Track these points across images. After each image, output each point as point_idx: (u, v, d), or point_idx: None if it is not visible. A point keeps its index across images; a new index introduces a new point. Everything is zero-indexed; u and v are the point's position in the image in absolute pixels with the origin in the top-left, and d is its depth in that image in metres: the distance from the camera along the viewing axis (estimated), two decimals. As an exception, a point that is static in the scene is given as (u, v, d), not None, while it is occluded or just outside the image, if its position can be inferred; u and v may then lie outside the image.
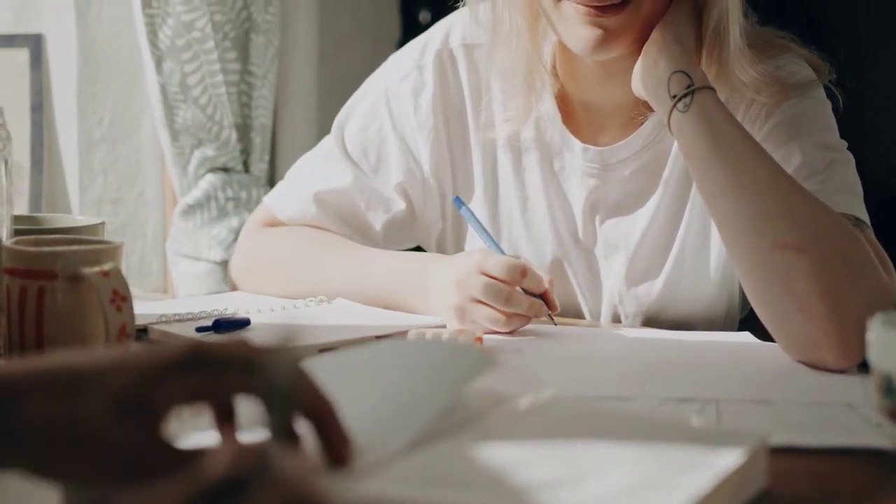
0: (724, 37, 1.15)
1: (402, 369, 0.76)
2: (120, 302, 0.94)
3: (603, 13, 1.12)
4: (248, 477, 0.42)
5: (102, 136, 1.91)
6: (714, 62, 1.17)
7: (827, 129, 1.20)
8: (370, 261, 1.25)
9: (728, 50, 1.16)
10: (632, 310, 1.27)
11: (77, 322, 0.94)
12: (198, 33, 1.82)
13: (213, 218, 1.86)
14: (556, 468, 0.63)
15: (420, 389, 0.72)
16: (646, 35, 1.15)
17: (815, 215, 1.06)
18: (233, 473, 0.42)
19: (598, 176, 1.25)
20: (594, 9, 1.11)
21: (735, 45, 1.15)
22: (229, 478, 0.42)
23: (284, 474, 0.42)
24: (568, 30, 1.14)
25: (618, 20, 1.12)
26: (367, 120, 1.32)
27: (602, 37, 1.12)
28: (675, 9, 1.15)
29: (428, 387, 0.73)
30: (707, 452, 0.66)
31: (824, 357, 1.02)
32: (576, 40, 1.14)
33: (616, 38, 1.13)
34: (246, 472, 0.42)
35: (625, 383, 0.97)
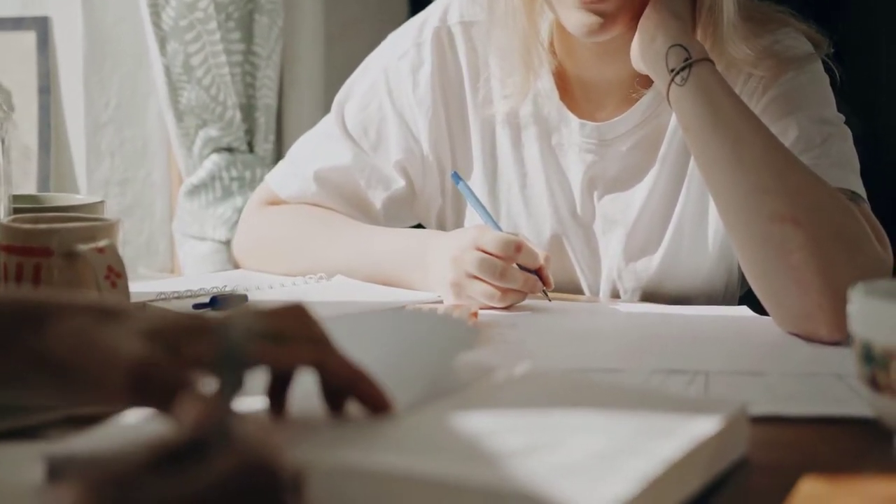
0: (718, 13, 1.15)
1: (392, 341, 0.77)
2: (115, 278, 0.95)
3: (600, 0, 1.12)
4: (208, 439, 0.43)
5: (109, 118, 1.92)
6: (708, 38, 1.17)
7: (824, 103, 1.20)
8: (369, 238, 1.26)
9: (722, 26, 1.16)
10: (630, 285, 1.28)
11: (73, 298, 0.95)
12: (200, 14, 1.83)
13: (217, 198, 1.87)
14: (530, 436, 0.63)
15: (409, 362, 0.73)
16: (642, 12, 1.15)
17: (812, 189, 1.06)
18: (192, 435, 0.43)
19: (596, 151, 1.26)
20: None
21: (729, 22, 1.15)
22: (188, 440, 0.43)
23: (243, 437, 0.43)
24: (565, 14, 1.15)
25: (615, 3, 1.13)
26: (367, 98, 1.33)
27: (600, 22, 1.13)
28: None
29: (416, 360, 0.73)
30: (684, 420, 0.67)
31: (818, 329, 1.02)
32: (574, 25, 1.14)
33: (613, 22, 1.14)
34: (205, 435, 0.43)
35: (616, 356, 0.97)
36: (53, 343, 0.61)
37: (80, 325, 0.61)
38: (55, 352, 0.61)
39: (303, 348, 0.64)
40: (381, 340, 0.76)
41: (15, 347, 0.61)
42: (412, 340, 0.77)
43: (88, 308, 0.63)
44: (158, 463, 0.42)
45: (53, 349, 0.61)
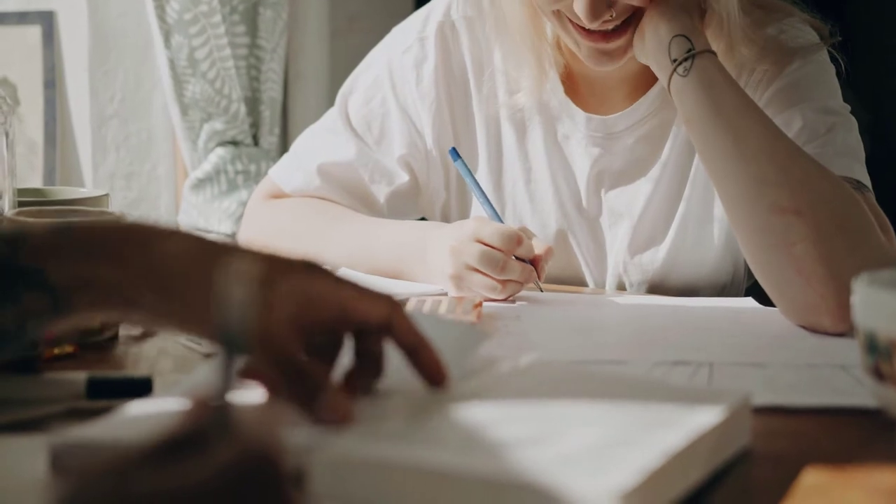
0: (725, 13, 1.15)
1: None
2: (119, 271, 0.95)
3: (607, 39, 1.13)
4: (208, 429, 0.43)
5: (114, 112, 1.92)
6: (722, 40, 1.17)
7: (829, 93, 1.20)
8: (372, 231, 1.26)
9: (729, 25, 1.15)
10: (636, 278, 1.28)
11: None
12: (205, 7, 1.83)
13: (222, 191, 1.88)
14: (532, 426, 0.63)
15: None
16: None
17: (815, 180, 1.06)
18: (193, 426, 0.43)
19: (603, 145, 1.25)
20: (598, 36, 1.12)
21: (734, 21, 1.15)
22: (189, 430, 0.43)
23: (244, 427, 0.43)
24: (571, 41, 1.16)
25: (625, 39, 1.14)
26: (371, 92, 1.33)
27: (607, 58, 1.15)
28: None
29: None
30: (686, 411, 0.66)
31: (822, 320, 1.02)
32: (586, 60, 1.17)
33: (625, 53, 1.16)
34: (206, 425, 0.43)
35: (620, 348, 0.97)
36: (162, 260, 0.63)
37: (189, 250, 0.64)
38: (162, 268, 0.63)
39: (379, 302, 0.65)
40: None
41: (125, 260, 0.63)
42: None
43: (194, 236, 0.65)
44: (160, 453, 0.42)
45: (161, 266, 0.63)
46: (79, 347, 0.90)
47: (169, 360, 0.91)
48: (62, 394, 0.77)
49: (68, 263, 0.63)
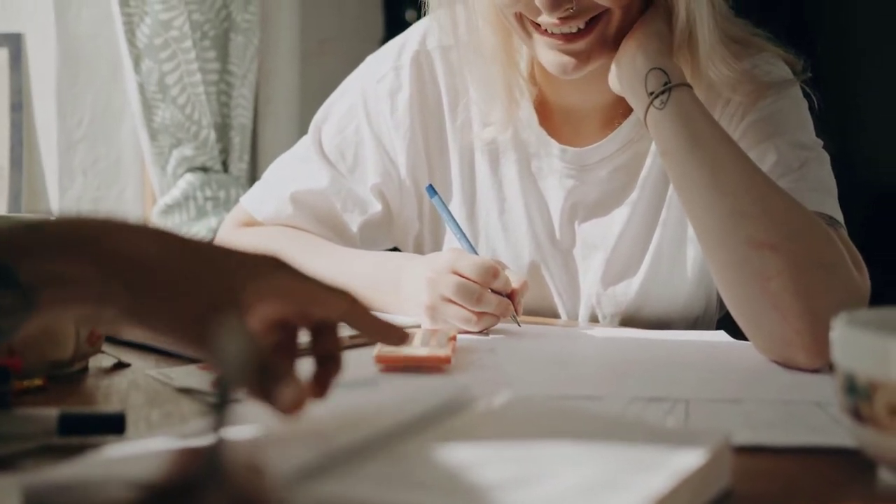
0: (694, 35, 1.16)
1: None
2: (89, 302, 0.94)
3: (571, 40, 1.12)
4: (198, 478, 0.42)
5: (82, 136, 1.90)
6: (687, 61, 1.17)
7: (802, 128, 1.21)
8: (345, 261, 1.25)
9: (699, 49, 1.16)
10: (609, 310, 1.27)
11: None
12: (175, 32, 1.82)
13: (191, 218, 1.86)
14: (515, 468, 0.62)
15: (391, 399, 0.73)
16: (617, 47, 1.16)
17: (790, 214, 1.06)
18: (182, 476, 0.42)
19: (577, 177, 1.26)
20: (562, 38, 1.12)
21: (705, 43, 1.16)
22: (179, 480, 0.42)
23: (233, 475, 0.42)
24: (541, 56, 1.16)
25: (588, 42, 1.13)
26: (345, 121, 1.32)
27: (574, 62, 1.14)
28: (653, 9, 1.15)
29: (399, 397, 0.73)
30: (669, 452, 0.66)
31: (797, 356, 1.02)
32: (549, 64, 1.15)
33: (587, 60, 1.15)
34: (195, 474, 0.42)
35: (596, 383, 0.97)
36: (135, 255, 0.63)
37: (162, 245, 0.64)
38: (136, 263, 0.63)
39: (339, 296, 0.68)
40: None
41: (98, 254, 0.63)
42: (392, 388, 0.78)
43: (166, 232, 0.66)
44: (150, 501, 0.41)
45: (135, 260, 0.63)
46: (48, 380, 0.89)
47: (140, 393, 0.90)
48: (34, 430, 0.75)
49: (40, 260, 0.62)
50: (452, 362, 0.99)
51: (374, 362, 0.99)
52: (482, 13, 1.21)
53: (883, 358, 0.69)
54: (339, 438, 0.63)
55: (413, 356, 0.99)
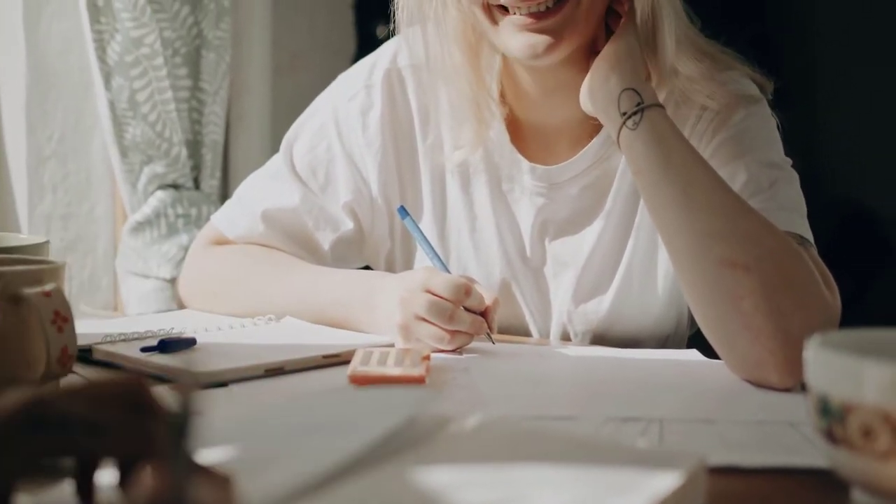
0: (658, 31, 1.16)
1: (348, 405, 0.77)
2: (61, 323, 0.93)
3: (540, 18, 1.12)
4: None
5: (52, 152, 1.89)
6: (652, 63, 1.17)
7: (772, 147, 1.21)
8: (316, 279, 1.25)
9: (663, 48, 1.16)
10: (580, 328, 1.28)
11: (18, 343, 0.93)
12: (147, 49, 1.81)
13: (162, 235, 1.85)
14: (491, 491, 0.62)
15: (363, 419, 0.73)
16: (589, 33, 1.16)
17: (762, 234, 1.07)
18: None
19: (546, 195, 1.26)
20: (531, 17, 1.12)
21: (670, 42, 1.16)
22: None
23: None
24: (511, 42, 1.14)
25: (557, 21, 1.13)
26: (316, 139, 1.32)
27: (546, 42, 1.13)
28: (624, 25, 1.16)
29: (371, 416, 0.73)
30: (644, 474, 0.66)
31: (769, 376, 1.02)
32: (519, 49, 1.14)
33: (559, 41, 1.14)
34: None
35: (570, 402, 0.97)
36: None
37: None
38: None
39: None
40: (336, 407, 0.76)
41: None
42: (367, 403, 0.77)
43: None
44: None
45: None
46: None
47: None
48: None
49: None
50: (427, 382, 0.99)
51: (348, 382, 0.99)
52: (451, 34, 1.21)
53: (856, 380, 0.70)
54: (313, 462, 0.63)
55: (387, 375, 0.98)
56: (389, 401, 0.77)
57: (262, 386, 1.00)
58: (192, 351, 1.08)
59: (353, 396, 0.86)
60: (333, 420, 0.74)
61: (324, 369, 1.06)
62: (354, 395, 0.88)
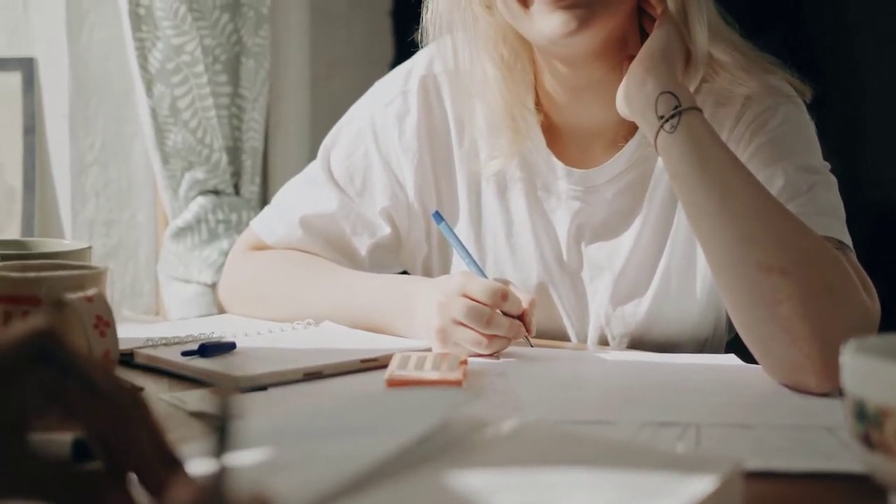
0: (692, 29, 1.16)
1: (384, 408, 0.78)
2: (103, 327, 0.94)
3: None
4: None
5: (94, 159, 1.91)
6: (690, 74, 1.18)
7: (810, 152, 1.21)
8: (354, 284, 1.26)
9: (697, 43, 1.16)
10: (618, 331, 1.28)
11: (60, 348, 0.95)
12: (187, 57, 1.83)
13: (203, 240, 1.87)
14: (524, 495, 0.63)
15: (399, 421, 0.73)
16: (621, 17, 1.16)
17: (800, 238, 1.06)
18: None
19: (582, 198, 1.26)
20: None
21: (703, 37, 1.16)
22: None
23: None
24: (544, 24, 1.13)
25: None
26: (353, 145, 1.33)
27: (579, 17, 1.12)
28: (659, 25, 1.16)
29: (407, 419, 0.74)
30: (679, 479, 0.66)
31: (807, 380, 1.02)
32: (551, 29, 1.13)
33: (592, 16, 1.13)
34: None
35: (607, 407, 0.97)
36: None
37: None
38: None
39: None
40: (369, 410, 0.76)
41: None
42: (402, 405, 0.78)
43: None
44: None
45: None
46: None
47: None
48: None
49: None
50: (464, 386, 1.00)
51: (385, 385, 1.00)
52: (481, 45, 1.22)
53: (893, 385, 0.70)
54: (347, 464, 0.64)
55: (424, 379, 0.99)
56: (425, 404, 0.78)
57: (301, 389, 1.01)
58: (232, 355, 1.10)
59: (390, 399, 0.87)
60: (369, 423, 0.75)
61: (362, 373, 1.07)
62: (391, 398, 0.89)
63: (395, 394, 0.92)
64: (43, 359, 0.55)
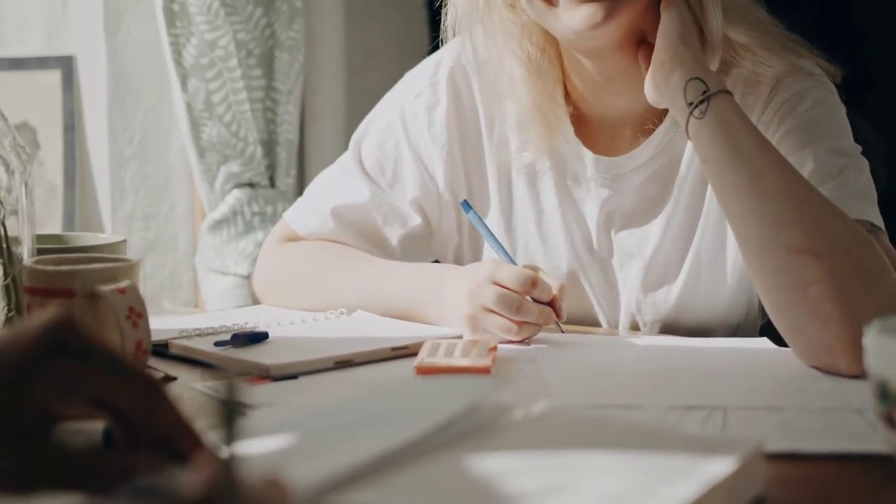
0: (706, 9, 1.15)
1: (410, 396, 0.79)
2: (136, 318, 0.96)
3: None
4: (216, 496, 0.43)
5: (133, 154, 1.94)
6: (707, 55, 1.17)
7: (840, 135, 1.20)
8: (386, 273, 1.26)
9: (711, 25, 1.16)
10: (650, 317, 1.28)
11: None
12: (221, 52, 1.85)
13: (239, 233, 1.89)
14: (547, 477, 0.63)
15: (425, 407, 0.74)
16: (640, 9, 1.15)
17: (831, 221, 1.06)
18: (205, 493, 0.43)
19: (611, 186, 1.26)
20: None
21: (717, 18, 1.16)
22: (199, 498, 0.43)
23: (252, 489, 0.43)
24: (569, 18, 1.14)
25: None
26: (384, 137, 1.34)
27: (604, 10, 1.12)
28: (667, 8, 1.15)
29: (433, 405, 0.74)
30: (699, 460, 0.67)
31: (837, 362, 1.02)
32: (580, 22, 1.13)
33: (617, 7, 1.13)
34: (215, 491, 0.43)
35: (635, 392, 0.97)
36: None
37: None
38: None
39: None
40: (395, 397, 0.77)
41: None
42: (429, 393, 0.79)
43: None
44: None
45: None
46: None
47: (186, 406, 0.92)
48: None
49: None
50: (492, 372, 1.00)
51: (415, 373, 1.00)
52: (500, 42, 1.23)
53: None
54: (367, 449, 0.64)
55: (453, 366, 1.00)
56: (452, 390, 0.79)
57: (331, 378, 1.02)
58: (264, 345, 1.11)
59: (418, 386, 0.88)
60: (395, 409, 0.76)
61: (392, 361, 1.08)
62: (419, 385, 0.90)
63: (422, 382, 0.93)
64: (61, 350, 0.56)
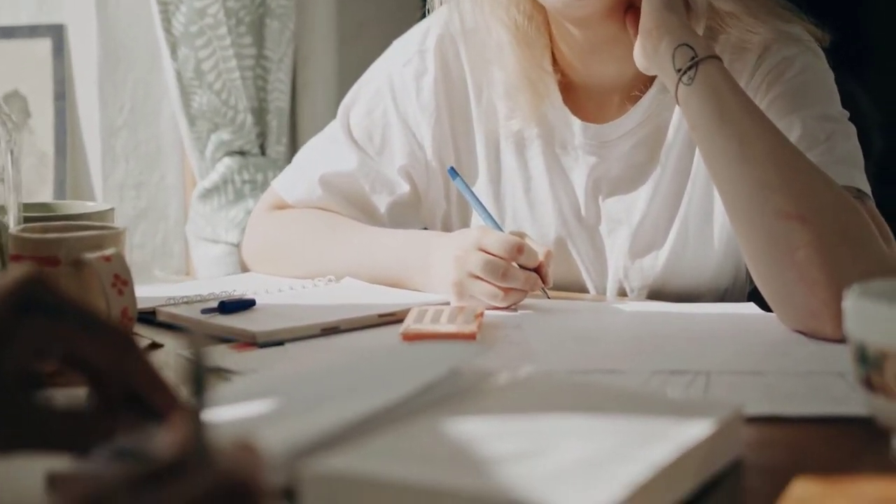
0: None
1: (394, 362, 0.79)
2: (121, 286, 0.96)
3: None
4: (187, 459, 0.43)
5: (124, 123, 1.94)
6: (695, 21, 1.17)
7: (828, 101, 1.20)
8: (374, 240, 1.27)
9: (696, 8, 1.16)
10: (637, 284, 1.28)
11: (81, 306, 0.97)
12: (210, 19, 1.84)
13: (230, 201, 1.89)
14: (522, 441, 0.64)
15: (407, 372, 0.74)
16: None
17: (818, 186, 1.06)
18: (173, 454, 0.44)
19: (598, 153, 1.26)
20: None
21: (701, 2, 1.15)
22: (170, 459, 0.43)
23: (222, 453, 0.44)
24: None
25: None
26: (372, 104, 1.34)
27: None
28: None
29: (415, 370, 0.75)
30: (676, 423, 0.67)
31: (823, 327, 1.02)
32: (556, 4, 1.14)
33: None
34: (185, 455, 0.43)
35: (619, 357, 0.98)
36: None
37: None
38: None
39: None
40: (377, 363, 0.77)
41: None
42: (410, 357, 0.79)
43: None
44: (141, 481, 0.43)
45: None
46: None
47: (173, 373, 0.92)
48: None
49: None
50: (478, 338, 1.01)
51: (401, 339, 1.01)
52: (488, 10, 1.23)
53: (892, 328, 0.70)
54: (342, 413, 0.65)
55: (438, 332, 1.00)
56: (436, 356, 0.79)
57: (318, 344, 1.02)
58: (251, 311, 1.11)
59: (404, 353, 0.88)
60: (379, 375, 0.76)
61: (379, 328, 1.08)
62: (405, 351, 0.90)
63: (407, 348, 0.93)
64: (33, 307, 0.56)
